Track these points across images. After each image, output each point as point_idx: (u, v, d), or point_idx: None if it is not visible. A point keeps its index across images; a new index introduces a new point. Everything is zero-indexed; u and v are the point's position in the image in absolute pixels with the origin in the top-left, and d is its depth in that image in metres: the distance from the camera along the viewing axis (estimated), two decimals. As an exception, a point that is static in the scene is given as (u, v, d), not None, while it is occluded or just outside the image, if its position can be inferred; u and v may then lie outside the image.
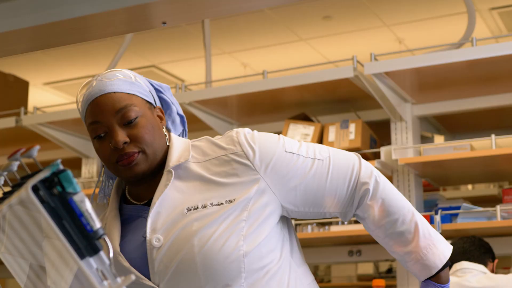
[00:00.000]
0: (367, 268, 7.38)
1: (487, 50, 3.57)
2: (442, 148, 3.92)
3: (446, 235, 3.68)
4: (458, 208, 3.93)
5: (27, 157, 1.13)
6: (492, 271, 3.66)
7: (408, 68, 3.69)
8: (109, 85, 1.74)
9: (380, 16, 6.41)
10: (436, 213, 3.86)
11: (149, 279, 1.64)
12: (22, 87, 5.65)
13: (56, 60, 7.45)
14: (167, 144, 1.78)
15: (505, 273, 3.88)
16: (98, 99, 1.73)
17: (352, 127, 4.04)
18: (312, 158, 1.73)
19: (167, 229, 1.65)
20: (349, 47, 7.03)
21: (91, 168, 5.05)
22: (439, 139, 4.92)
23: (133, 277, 0.99)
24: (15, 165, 1.17)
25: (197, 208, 1.65)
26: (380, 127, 4.32)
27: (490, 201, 5.07)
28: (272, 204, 1.70)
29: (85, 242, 1.03)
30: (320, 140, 4.07)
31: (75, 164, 5.17)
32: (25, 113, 4.84)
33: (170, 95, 1.89)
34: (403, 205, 1.76)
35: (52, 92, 8.47)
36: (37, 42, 2.33)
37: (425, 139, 4.63)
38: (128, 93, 1.74)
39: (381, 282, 3.92)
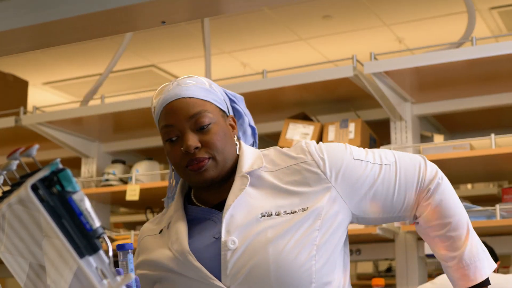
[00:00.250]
0: (366, 267, 7.38)
1: (487, 49, 3.57)
2: (442, 148, 3.92)
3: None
4: (458, 207, 3.92)
5: (26, 156, 1.13)
6: (495, 272, 3.66)
7: (408, 67, 3.69)
8: (185, 90, 1.77)
9: (380, 15, 6.41)
10: (436, 212, 3.85)
11: (219, 280, 1.65)
12: (21, 86, 5.64)
13: (55, 59, 7.45)
14: (237, 153, 1.81)
15: (505, 272, 3.88)
16: (173, 103, 1.76)
17: (351, 126, 4.04)
18: (379, 164, 1.75)
19: (242, 232, 1.66)
20: (349, 47, 7.03)
21: (90, 167, 5.05)
22: (438, 138, 4.92)
23: (132, 275, 0.99)
24: (14, 164, 1.17)
25: (271, 215, 1.68)
26: (380, 126, 4.32)
27: (489, 200, 5.07)
28: (343, 212, 1.72)
29: (85, 241, 1.03)
30: (320, 140, 4.06)
31: (74, 163, 5.16)
32: (25, 112, 4.84)
33: (243, 106, 1.94)
34: (459, 211, 1.77)
35: (52, 92, 8.47)
36: (36, 41, 2.33)
37: (424, 139, 4.62)
38: (203, 100, 1.77)
39: (380, 281, 3.91)
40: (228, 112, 1.85)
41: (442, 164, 3.92)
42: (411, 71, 3.75)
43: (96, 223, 1.04)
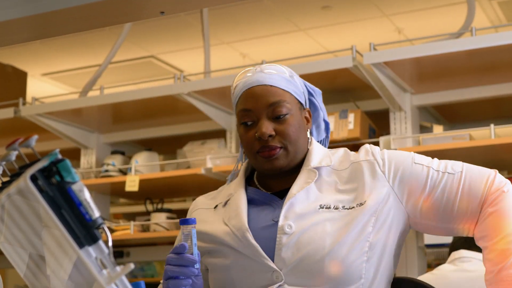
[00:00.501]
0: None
1: (487, 39, 3.57)
2: (441, 138, 3.92)
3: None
4: (457, 197, 3.92)
5: (25, 146, 1.13)
6: None
7: (407, 58, 3.69)
8: (267, 78, 1.81)
9: (379, 6, 6.40)
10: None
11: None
12: (20, 77, 5.64)
13: (54, 50, 7.44)
14: (308, 147, 1.85)
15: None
16: (254, 89, 1.80)
17: (351, 117, 4.04)
18: (443, 172, 1.77)
19: (299, 220, 1.70)
20: (348, 37, 7.02)
21: (90, 158, 5.05)
22: (438, 129, 4.91)
23: (132, 265, 0.99)
24: (13, 155, 1.17)
25: (330, 207, 1.72)
26: (379, 117, 4.32)
27: (489, 190, 5.06)
28: (398, 213, 1.75)
29: (84, 231, 1.03)
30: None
31: (74, 154, 5.17)
32: (24, 103, 4.83)
33: (320, 100, 1.96)
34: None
35: (51, 83, 8.46)
36: (35, 31, 2.33)
37: (424, 129, 4.62)
38: (283, 90, 1.80)
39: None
40: (305, 105, 1.88)
41: (441, 154, 3.94)
42: (411, 62, 3.75)
43: (96, 213, 1.04)
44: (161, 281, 1.76)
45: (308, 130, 1.87)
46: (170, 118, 4.87)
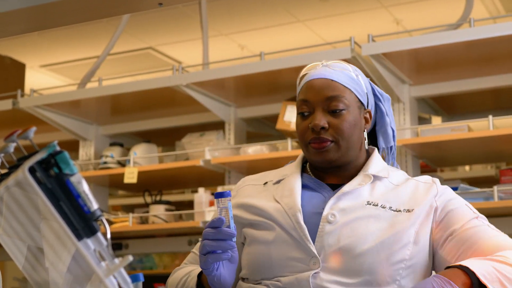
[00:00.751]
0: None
1: (485, 31, 3.56)
2: (440, 129, 3.92)
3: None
4: (456, 189, 3.93)
5: (23, 138, 1.13)
6: None
7: (406, 49, 3.68)
8: (330, 72, 1.85)
9: (378, -3, 6.39)
10: (434, 194, 3.85)
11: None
12: (18, 69, 5.63)
13: (52, 42, 7.42)
14: (365, 147, 1.90)
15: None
16: (315, 81, 1.85)
17: (349, 108, 4.03)
18: (483, 224, 1.80)
19: (344, 212, 1.74)
20: (347, 28, 7.01)
21: (88, 150, 5.05)
22: (436, 120, 4.92)
23: (130, 258, 0.99)
24: (11, 147, 1.17)
25: (377, 205, 1.76)
26: (378, 108, 4.32)
27: (487, 182, 5.07)
28: (430, 237, 1.78)
29: (83, 223, 1.03)
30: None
31: (72, 146, 5.16)
32: (22, 95, 4.83)
33: (388, 107, 1.98)
34: None
35: (49, 75, 8.45)
36: (33, 23, 2.32)
37: (422, 120, 4.62)
38: (344, 86, 1.84)
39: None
40: (367, 106, 1.91)
41: (440, 145, 3.95)
42: (409, 53, 3.75)
43: (94, 205, 1.04)
44: (195, 255, 1.86)
45: (366, 130, 1.90)
46: (168, 109, 4.86)
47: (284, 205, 1.78)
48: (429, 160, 4.47)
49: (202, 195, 4.38)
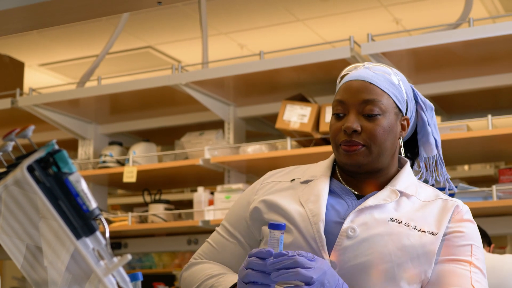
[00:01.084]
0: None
1: (484, 30, 3.56)
2: (439, 129, 3.90)
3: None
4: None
5: (22, 137, 1.13)
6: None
7: (405, 48, 3.68)
8: (370, 75, 1.79)
9: (377, -4, 6.39)
10: (433, 193, 3.86)
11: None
12: (17, 68, 5.63)
13: (51, 41, 7.42)
14: (398, 153, 1.83)
15: (501, 253, 3.89)
16: (353, 82, 1.79)
17: (348, 107, 4.03)
18: (472, 271, 1.70)
19: (365, 226, 1.68)
20: (346, 28, 7.01)
21: (87, 149, 5.04)
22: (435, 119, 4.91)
23: (129, 256, 0.99)
24: (10, 146, 1.17)
25: (401, 222, 1.69)
26: (377, 107, 4.32)
27: (486, 181, 5.09)
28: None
29: (81, 222, 1.02)
30: (317, 121, 4.06)
31: (71, 145, 5.16)
32: (21, 94, 4.83)
33: (430, 115, 1.92)
34: None
35: (48, 73, 8.44)
36: (32, 21, 2.32)
37: (421, 120, 4.62)
38: (383, 90, 1.78)
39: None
40: (406, 113, 1.84)
41: (439, 145, 3.94)
42: (408, 52, 3.75)
43: (93, 204, 1.04)
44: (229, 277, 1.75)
45: (401, 138, 1.82)
46: (168, 108, 4.86)
47: (308, 210, 1.72)
48: (428, 160, 4.46)
49: (201, 194, 4.38)
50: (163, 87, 4.33)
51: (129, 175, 4.43)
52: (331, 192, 1.80)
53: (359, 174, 1.80)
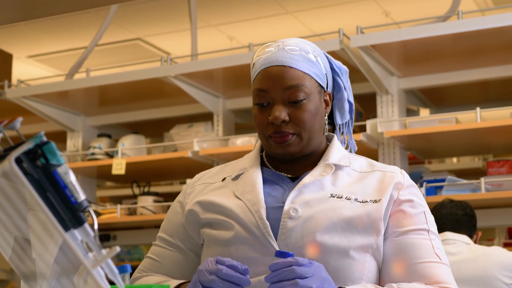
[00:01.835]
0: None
1: (473, 23, 3.57)
2: (428, 121, 3.93)
3: (431, 207, 3.69)
4: (443, 180, 3.95)
5: (10, 129, 1.12)
6: (475, 242, 3.68)
7: (394, 41, 3.69)
8: (288, 58, 1.71)
9: (367, -11, 6.39)
10: (421, 185, 3.88)
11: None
12: (5, 60, 5.60)
13: (40, 33, 7.39)
14: (325, 133, 1.77)
15: (489, 245, 3.90)
16: (272, 69, 1.70)
17: (338, 100, 4.04)
18: (429, 237, 1.67)
19: (306, 205, 1.64)
20: (335, 20, 7.01)
21: (76, 141, 5.03)
22: (424, 112, 4.93)
23: (117, 248, 0.98)
24: (-2, 137, 1.16)
25: (341, 197, 1.65)
26: (366, 100, 4.33)
27: (474, 173, 5.10)
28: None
29: (70, 214, 1.02)
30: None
31: (60, 137, 5.15)
32: (9, 86, 4.80)
33: (345, 80, 1.85)
34: None
35: (36, 65, 8.41)
36: (20, 13, 2.31)
37: (410, 112, 4.63)
38: (304, 72, 1.70)
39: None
40: (327, 87, 1.78)
41: (428, 137, 3.96)
42: (398, 45, 3.75)
43: (81, 196, 1.03)
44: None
45: (326, 114, 1.77)
46: (157, 101, 4.85)
47: (247, 201, 1.67)
48: (417, 152, 4.48)
49: (190, 187, 4.37)
50: (152, 79, 4.33)
51: (118, 167, 4.42)
52: (264, 181, 1.74)
53: (289, 160, 1.75)
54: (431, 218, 1.70)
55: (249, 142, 4.21)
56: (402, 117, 4.10)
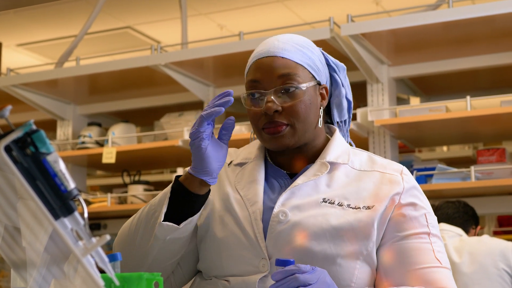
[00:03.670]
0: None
1: (463, 11, 3.57)
2: (418, 110, 3.94)
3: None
4: (433, 169, 3.96)
5: (-1, 117, 1.11)
6: (475, 235, 3.71)
7: (385, 29, 3.69)
8: (280, 49, 1.68)
9: (357, -23, 6.38)
10: (412, 174, 3.88)
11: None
12: (-5, 48, 5.58)
13: (29, 21, 7.35)
14: (319, 125, 1.71)
15: (479, 234, 3.92)
16: (264, 59, 1.68)
17: (328, 88, 4.04)
18: (432, 242, 1.64)
19: (296, 209, 1.61)
20: (326, 9, 7.00)
21: (66, 130, 5.02)
22: (414, 100, 4.94)
23: (108, 237, 0.98)
24: (-13, 126, 1.16)
25: (333, 203, 1.61)
26: (357, 88, 4.31)
27: (464, 162, 5.12)
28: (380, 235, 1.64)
29: (59, 202, 1.02)
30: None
31: (50, 126, 5.13)
32: (-1, 74, 4.79)
33: (343, 76, 1.81)
34: None
35: (26, 54, 8.37)
36: (9, 1, 2.30)
37: (401, 101, 4.64)
38: (296, 62, 1.67)
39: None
40: (323, 81, 1.74)
41: (418, 126, 3.97)
42: (388, 33, 3.75)
43: (71, 184, 1.03)
44: None
45: (322, 108, 1.72)
46: (147, 89, 4.84)
47: (245, 198, 1.66)
48: (407, 141, 4.49)
49: (180, 175, 4.38)
50: (142, 68, 4.32)
51: (108, 156, 4.42)
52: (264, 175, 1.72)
53: (286, 153, 1.72)
54: (432, 220, 1.66)
55: (239, 131, 4.21)
56: (392, 106, 4.11)
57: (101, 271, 1.05)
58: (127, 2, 6.86)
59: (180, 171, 4.41)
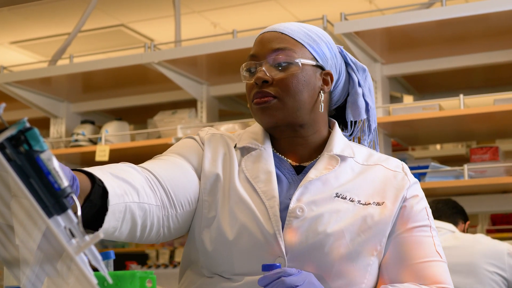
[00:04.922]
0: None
1: (457, 10, 3.58)
2: (411, 108, 3.95)
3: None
4: (426, 167, 3.97)
5: (-8, 115, 1.11)
6: (463, 232, 3.71)
7: (378, 27, 3.69)
8: (283, 27, 1.67)
9: (351, -25, 6.38)
10: (405, 172, 3.89)
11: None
12: (-12, 46, 5.57)
13: (23, 18, 7.33)
14: (320, 110, 1.67)
15: (473, 232, 3.93)
16: (265, 34, 1.68)
17: (322, 87, 4.04)
18: (433, 235, 1.65)
19: (312, 204, 1.57)
20: (319, 7, 7.00)
21: (59, 128, 5.01)
22: (408, 99, 4.95)
23: (101, 235, 0.98)
24: (-20, 124, 1.15)
25: (345, 198, 1.59)
26: (350, 87, 4.33)
27: (458, 160, 5.13)
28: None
29: (53, 200, 1.02)
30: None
31: (43, 124, 5.13)
32: (-8, 72, 4.78)
33: (362, 77, 1.78)
34: None
35: (19, 51, 8.35)
36: (2, -1, 2.29)
37: (394, 99, 4.65)
38: (296, 40, 1.64)
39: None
40: (333, 71, 1.70)
41: (411, 124, 3.98)
42: (381, 32, 3.76)
43: (65, 182, 1.03)
44: None
45: (322, 92, 1.66)
46: (140, 87, 4.84)
47: (260, 191, 1.59)
48: (401, 139, 4.50)
49: (174, 173, 4.37)
50: (135, 66, 4.31)
51: (102, 154, 4.41)
52: None
53: (286, 136, 1.67)
54: (430, 214, 1.68)
55: (233, 129, 4.21)
56: (385, 104, 4.11)
57: (94, 270, 1.05)
58: (120, 0, 6.85)
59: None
